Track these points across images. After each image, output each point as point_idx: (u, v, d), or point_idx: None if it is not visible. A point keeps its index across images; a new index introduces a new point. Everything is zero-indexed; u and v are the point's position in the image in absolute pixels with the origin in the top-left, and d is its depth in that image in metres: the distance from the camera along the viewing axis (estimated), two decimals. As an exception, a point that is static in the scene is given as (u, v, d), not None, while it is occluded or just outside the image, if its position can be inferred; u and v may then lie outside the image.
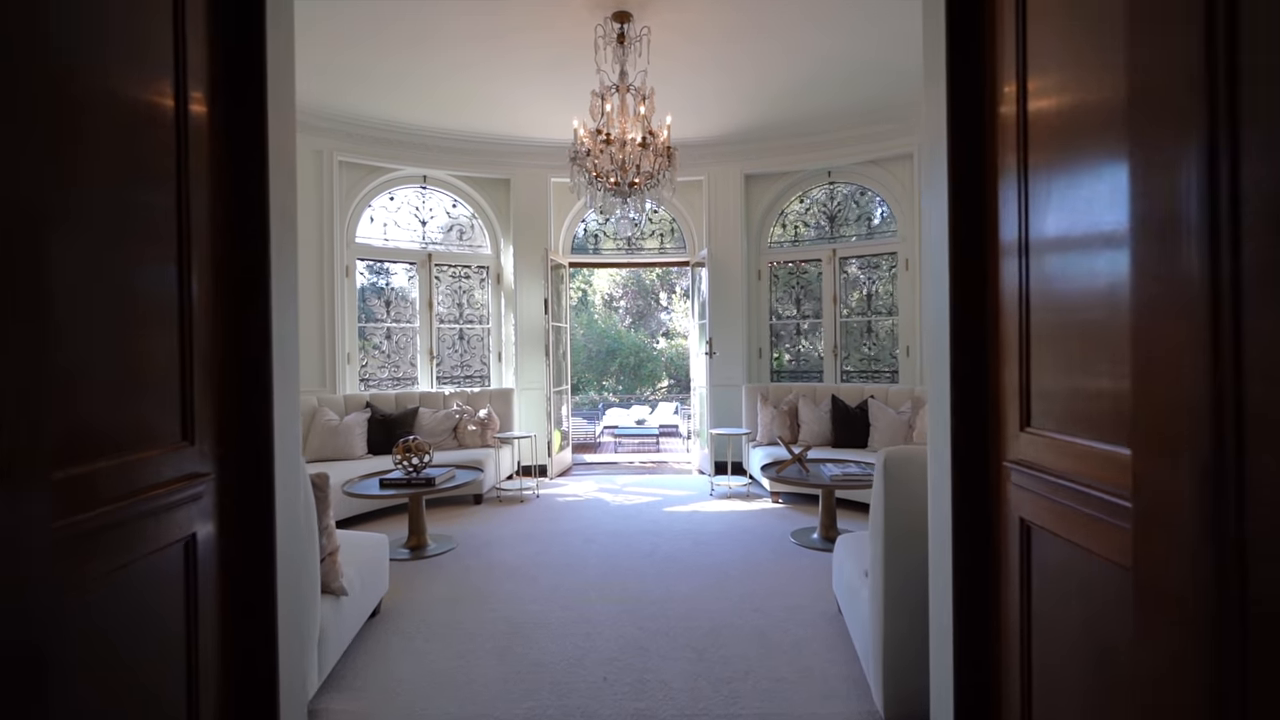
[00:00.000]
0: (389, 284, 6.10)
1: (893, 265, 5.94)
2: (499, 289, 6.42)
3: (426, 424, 5.30)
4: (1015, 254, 1.25)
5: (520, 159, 6.08)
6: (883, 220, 6.05)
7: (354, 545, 2.68)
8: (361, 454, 4.89)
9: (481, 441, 5.37)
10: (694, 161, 6.05)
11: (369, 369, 5.99)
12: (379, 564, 2.76)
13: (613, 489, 5.55)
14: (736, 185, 6.20)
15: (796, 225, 6.43)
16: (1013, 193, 1.26)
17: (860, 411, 5.15)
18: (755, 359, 6.43)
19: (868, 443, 5.02)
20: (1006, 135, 1.29)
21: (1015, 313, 1.25)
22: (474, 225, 6.42)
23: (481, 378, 6.45)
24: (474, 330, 6.44)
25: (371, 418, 5.10)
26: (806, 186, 6.33)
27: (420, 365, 6.15)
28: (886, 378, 5.98)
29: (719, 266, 6.17)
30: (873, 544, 1.84)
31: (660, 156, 3.69)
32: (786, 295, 6.47)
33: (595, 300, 18.96)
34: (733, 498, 5.09)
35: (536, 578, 3.31)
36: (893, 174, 5.80)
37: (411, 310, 6.17)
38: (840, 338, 6.16)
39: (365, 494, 3.56)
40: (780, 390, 5.73)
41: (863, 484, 3.62)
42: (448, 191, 6.27)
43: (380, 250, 5.97)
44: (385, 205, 6.04)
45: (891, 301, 5.95)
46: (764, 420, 5.46)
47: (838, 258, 6.15)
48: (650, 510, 4.73)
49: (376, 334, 6.06)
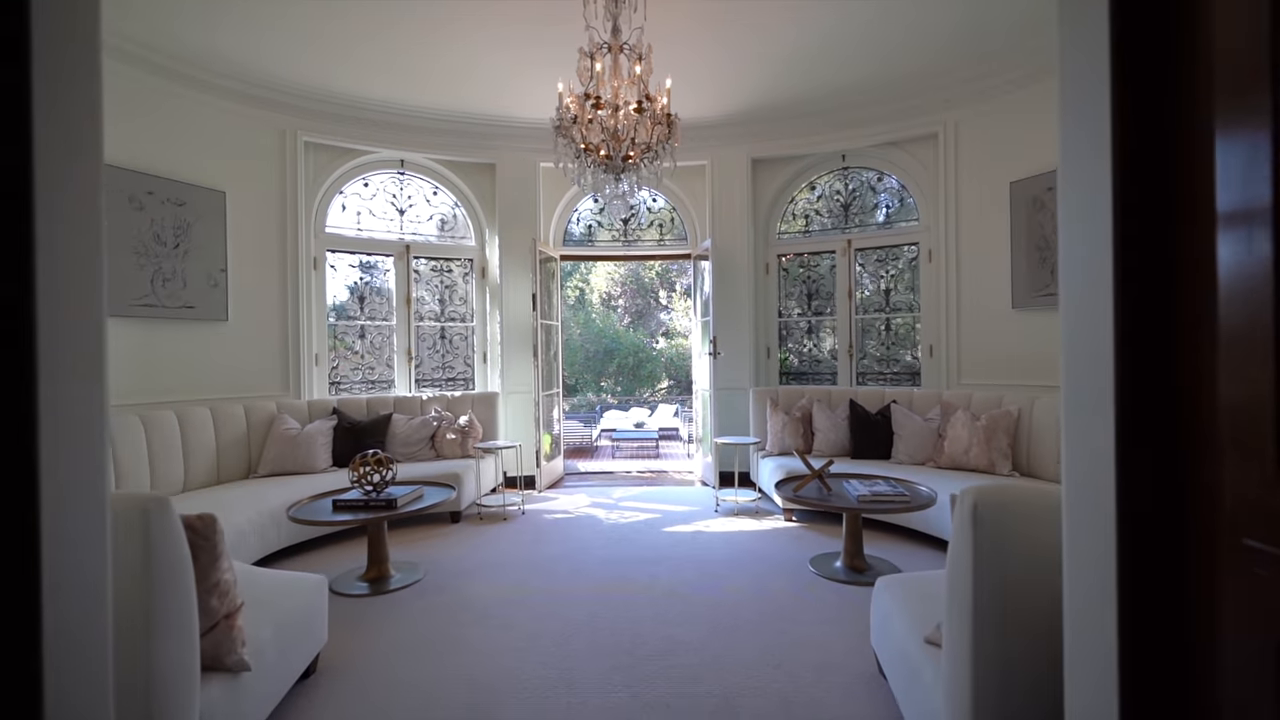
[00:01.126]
0: (363, 278, 5.58)
1: (914, 257, 5.43)
2: (484, 284, 5.90)
3: (400, 432, 4.78)
4: (1265, 223, 0.73)
5: (505, 141, 5.56)
6: (903, 208, 5.53)
7: (279, 592, 2.16)
8: (325, 466, 4.36)
9: (461, 451, 4.85)
10: (696, 145, 5.54)
11: (341, 371, 5.47)
12: (313, 613, 2.24)
13: (607, 504, 5.03)
14: (742, 171, 5.68)
15: (807, 214, 5.91)
16: (1260, 143, 0.74)
17: (882, 418, 4.63)
18: (763, 359, 5.91)
19: (891, 453, 4.50)
20: (1236, 69, 0.77)
21: (1262, 301, 0.73)
22: (456, 214, 5.90)
23: (465, 380, 5.93)
24: (457, 329, 5.92)
25: (338, 426, 4.58)
26: (818, 172, 5.80)
27: (397, 367, 5.63)
28: (906, 380, 5.46)
29: (723, 259, 5.65)
30: (952, 615, 1.32)
31: (659, 125, 3.17)
32: (797, 291, 5.95)
33: (593, 299, 18.45)
34: (740, 515, 4.57)
35: (512, 620, 2.79)
36: (914, 156, 5.28)
37: (388, 307, 5.65)
38: (855, 336, 5.64)
39: (313, 520, 3.03)
40: (791, 394, 5.21)
41: (896, 506, 3.10)
42: (427, 178, 5.75)
43: (353, 241, 5.45)
44: (359, 192, 5.52)
45: (912, 297, 5.43)
46: (774, 428, 4.93)
47: (853, 249, 5.63)
48: (649, 531, 4.21)
49: (349, 333, 5.54)
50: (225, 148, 4.48)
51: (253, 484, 3.97)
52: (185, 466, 3.86)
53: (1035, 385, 4.30)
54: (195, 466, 3.92)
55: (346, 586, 3.16)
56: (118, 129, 3.87)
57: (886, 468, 4.22)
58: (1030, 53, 4.22)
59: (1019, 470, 3.97)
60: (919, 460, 4.32)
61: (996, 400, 4.24)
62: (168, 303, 4.10)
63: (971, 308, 4.86)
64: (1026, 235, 4.37)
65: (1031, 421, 3.97)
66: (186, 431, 3.90)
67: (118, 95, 3.87)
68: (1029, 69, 4.30)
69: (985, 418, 4.03)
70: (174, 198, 4.13)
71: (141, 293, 3.96)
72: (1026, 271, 4.38)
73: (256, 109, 4.62)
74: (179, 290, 4.16)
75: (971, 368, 4.85)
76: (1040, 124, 4.31)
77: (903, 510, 3.09)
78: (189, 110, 4.27)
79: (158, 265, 4.04)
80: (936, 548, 3.64)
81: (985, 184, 4.70)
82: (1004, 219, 4.55)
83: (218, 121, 4.43)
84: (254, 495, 3.61)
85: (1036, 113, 4.33)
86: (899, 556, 3.53)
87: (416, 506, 3.27)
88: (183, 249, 4.18)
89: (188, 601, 1.47)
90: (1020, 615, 1.21)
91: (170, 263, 4.11)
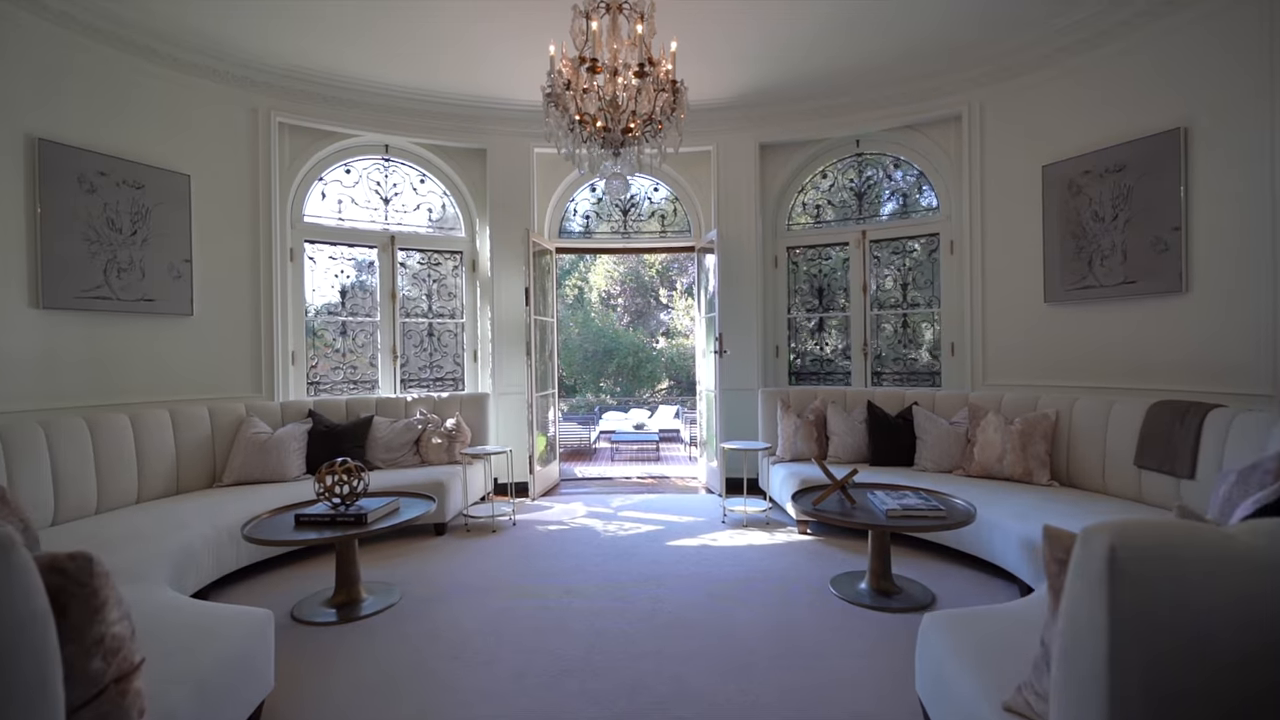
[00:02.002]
0: (345, 271, 5.22)
1: (933, 249, 5.07)
2: (474, 278, 5.54)
3: (382, 436, 4.42)
4: None
5: (497, 125, 5.20)
6: (921, 196, 5.17)
7: (210, 633, 1.80)
8: (297, 474, 4.00)
9: (448, 457, 4.49)
10: (700, 129, 5.18)
11: (320, 370, 5.11)
12: (251, 657, 1.88)
13: (605, 513, 4.67)
14: (750, 157, 5.33)
15: (819, 204, 5.55)
16: None
17: (903, 421, 4.27)
18: (771, 358, 5.56)
19: (914, 460, 4.14)
20: None
21: None
22: (445, 204, 5.54)
23: (454, 381, 5.57)
24: (445, 326, 5.56)
25: (313, 430, 4.22)
26: (831, 158, 5.45)
27: (382, 366, 5.27)
28: (925, 380, 5.11)
29: (730, 252, 5.30)
30: (1069, 697, 0.97)
31: (663, 92, 2.82)
32: (807, 285, 5.60)
33: (592, 298, 18.09)
34: (750, 526, 4.21)
35: (496, 655, 2.43)
36: (934, 140, 4.93)
37: (372, 302, 5.29)
38: (870, 334, 5.29)
39: (271, 540, 2.67)
40: (803, 395, 4.85)
41: (931, 523, 2.74)
42: (414, 164, 5.39)
43: (334, 231, 5.09)
44: (340, 179, 5.16)
45: (931, 293, 5.08)
46: (786, 431, 4.57)
47: (868, 240, 5.27)
48: (650, 545, 3.85)
49: (330, 329, 5.18)
50: (190, 127, 4.12)
51: (215, 494, 3.61)
52: (140, 475, 3.50)
53: (1073, 386, 3.94)
54: (151, 475, 3.56)
55: (311, 613, 2.80)
56: (65, 103, 3.51)
57: (910, 476, 3.87)
58: (1063, 28, 3.86)
59: (1058, 479, 3.61)
60: (945, 468, 3.96)
61: (1031, 402, 3.88)
62: (124, 295, 3.73)
63: (999, 303, 4.50)
64: (1061, 223, 4.01)
65: (1071, 425, 3.61)
66: (142, 436, 3.54)
67: (63, 67, 3.51)
68: (1063, 43, 3.94)
69: (1020, 421, 3.67)
70: (131, 180, 3.76)
71: (93, 283, 3.60)
72: (1061, 263, 4.02)
73: (224, 85, 4.26)
74: (137, 281, 3.79)
75: (999, 367, 4.50)
76: (1077, 103, 3.95)
77: (938, 528, 2.73)
78: (147, 85, 3.90)
79: (112, 253, 3.68)
80: (968, 565, 3.29)
81: (1014, 169, 4.35)
82: (1035, 206, 4.19)
83: (181, 98, 4.07)
84: (213, 508, 3.25)
85: (1073, 90, 3.97)
86: (930, 576, 3.17)
87: (390, 523, 2.91)
88: (141, 236, 3.81)
89: (47, 670, 1.11)
90: (1185, 710, 0.85)
91: (127, 251, 3.75)
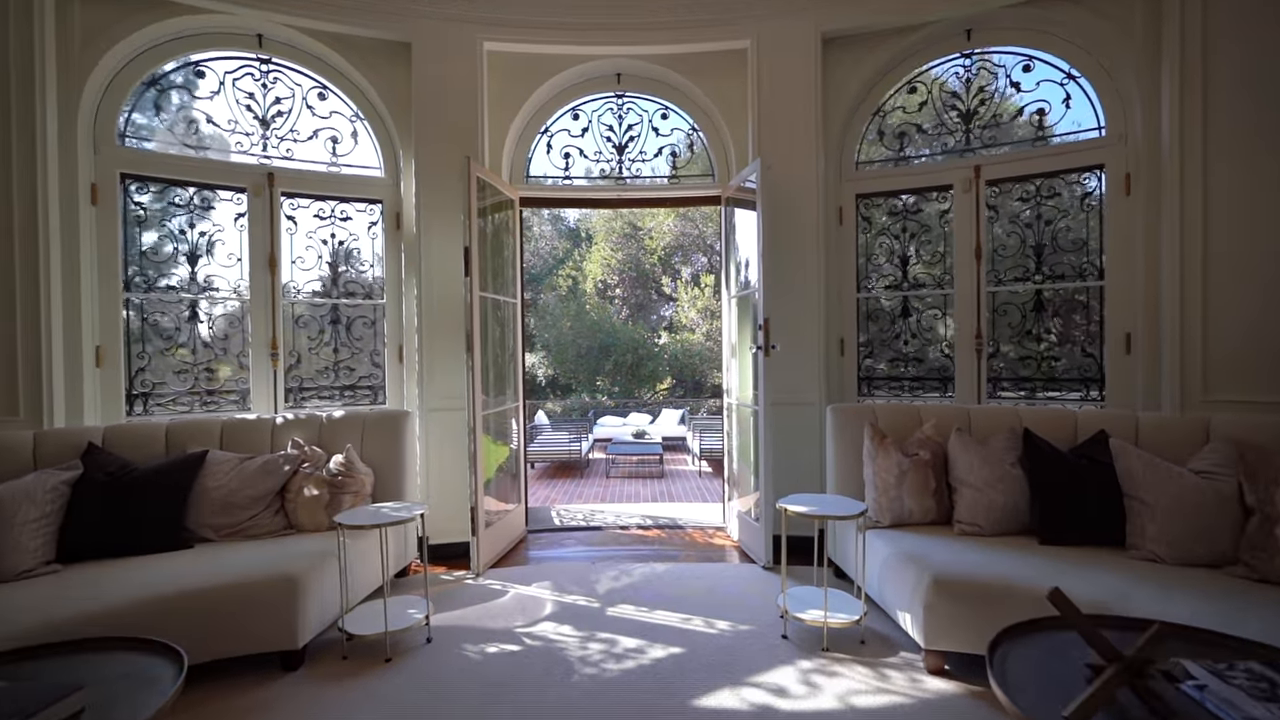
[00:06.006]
0: (194, 224, 3.46)
1: (1088, 193, 3.33)
2: (398, 238, 3.79)
3: (218, 487, 2.66)
4: None
5: (429, 5, 3.45)
6: (1067, 113, 3.41)
7: None
8: (34, 564, 2.25)
9: (326, 520, 2.74)
10: (731, 11, 3.44)
11: (157, 375, 3.36)
12: None
13: (588, 605, 2.92)
14: (809, 52, 3.56)
15: (903, 130, 3.79)
16: None
17: (1088, 463, 2.52)
18: (835, 357, 3.80)
19: (1126, 536, 2.37)
20: None
21: None
22: (356, 129, 3.78)
23: (372, 390, 3.82)
24: (359, 310, 3.82)
25: (82, 480, 2.47)
26: (926, 59, 3.68)
27: (254, 369, 3.51)
28: (1071, 387, 3.37)
29: (777, 201, 3.54)
30: None
31: None
32: (886, 250, 3.85)
33: (587, 288, 16.31)
34: (835, 651, 2.45)
35: None
36: (1102, 14, 3.16)
37: (239, 272, 3.53)
38: (986, 320, 3.54)
39: None
40: (900, 416, 3.08)
41: None
42: (306, 68, 3.63)
43: (175, 162, 3.33)
44: (189, 84, 3.41)
45: (1085, 258, 3.33)
46: (882, 476, 2.80)
47: (982, 181, 3.52)
48: (664, 701, 2.10)
49: (169, 312, 3.42)
50: None
51: None
52: None
53: None
54: None
55: None
56: None
57: (1129, 567, 2.12)
58: None
59: None
60: (1202, 557, 2.17)
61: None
62: None
63: (1222, 270, 2.76)
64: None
65: None
66: None
67: None
68: None
69: (1367, 478, 1.92)
70: None
71: None
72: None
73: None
74: None
75: (1226, 373, 2.76)
76: None
77: None
78: None
79: None
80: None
81: (1254, 52, 2.60)
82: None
83: None
84: None
85: None
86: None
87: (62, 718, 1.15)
88: None
89: None
90: None
91: None
